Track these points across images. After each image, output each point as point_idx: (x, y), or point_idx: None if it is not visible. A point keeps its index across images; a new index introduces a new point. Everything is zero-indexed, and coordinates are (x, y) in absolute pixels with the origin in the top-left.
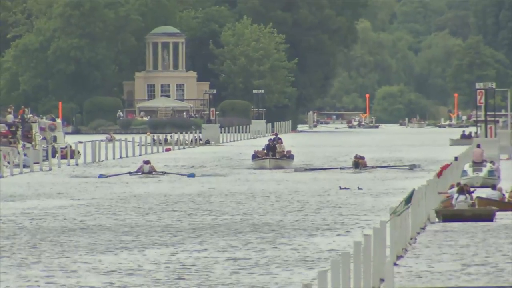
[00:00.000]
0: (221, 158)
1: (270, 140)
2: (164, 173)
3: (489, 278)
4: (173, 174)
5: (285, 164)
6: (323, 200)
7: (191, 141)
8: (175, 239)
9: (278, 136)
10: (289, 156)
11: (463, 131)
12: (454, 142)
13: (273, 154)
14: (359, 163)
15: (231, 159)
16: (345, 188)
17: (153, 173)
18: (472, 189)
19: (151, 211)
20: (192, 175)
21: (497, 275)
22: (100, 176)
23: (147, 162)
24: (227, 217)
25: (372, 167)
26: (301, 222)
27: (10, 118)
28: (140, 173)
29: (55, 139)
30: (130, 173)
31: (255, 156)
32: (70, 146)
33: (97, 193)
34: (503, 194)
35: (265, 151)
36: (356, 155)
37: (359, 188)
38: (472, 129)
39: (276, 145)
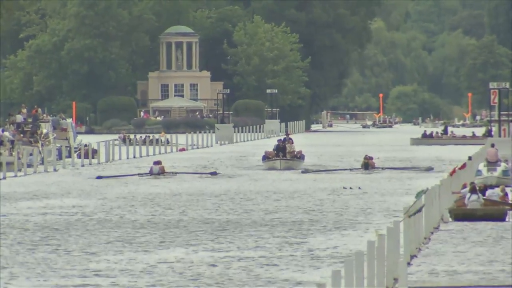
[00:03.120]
0: (235, 157)
1: (279, 140)
2: (175, 173)
3: (503, 277)
4: (184, 173)
5: (295, 165)
6: (335, 199)
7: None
8: (187, 238)
9: (290, 136)
10: (299, 157)
11: (425, 131)
12: (415, 142)
13: (283, 155)
14: (368, 164)
15: (245, 159)
16: (350, 188)
17: (164, 174)
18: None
19: (165, 210)
20: (214, 173)
21: (509, 274)
22: (98, 177)
23: (157, 163)
24: (236, 216)
25: (382, 168)
26: (313, 222)
27: (19, 118)
28: (149, 174)
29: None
30: (139, 174)
31: (266, 157)
32: (85, 146)
33: (108, 193)
34: (506, 194)
35: (275, 152)
36: (366, 155)
37: (359, 188)
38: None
39: (286, 145)
